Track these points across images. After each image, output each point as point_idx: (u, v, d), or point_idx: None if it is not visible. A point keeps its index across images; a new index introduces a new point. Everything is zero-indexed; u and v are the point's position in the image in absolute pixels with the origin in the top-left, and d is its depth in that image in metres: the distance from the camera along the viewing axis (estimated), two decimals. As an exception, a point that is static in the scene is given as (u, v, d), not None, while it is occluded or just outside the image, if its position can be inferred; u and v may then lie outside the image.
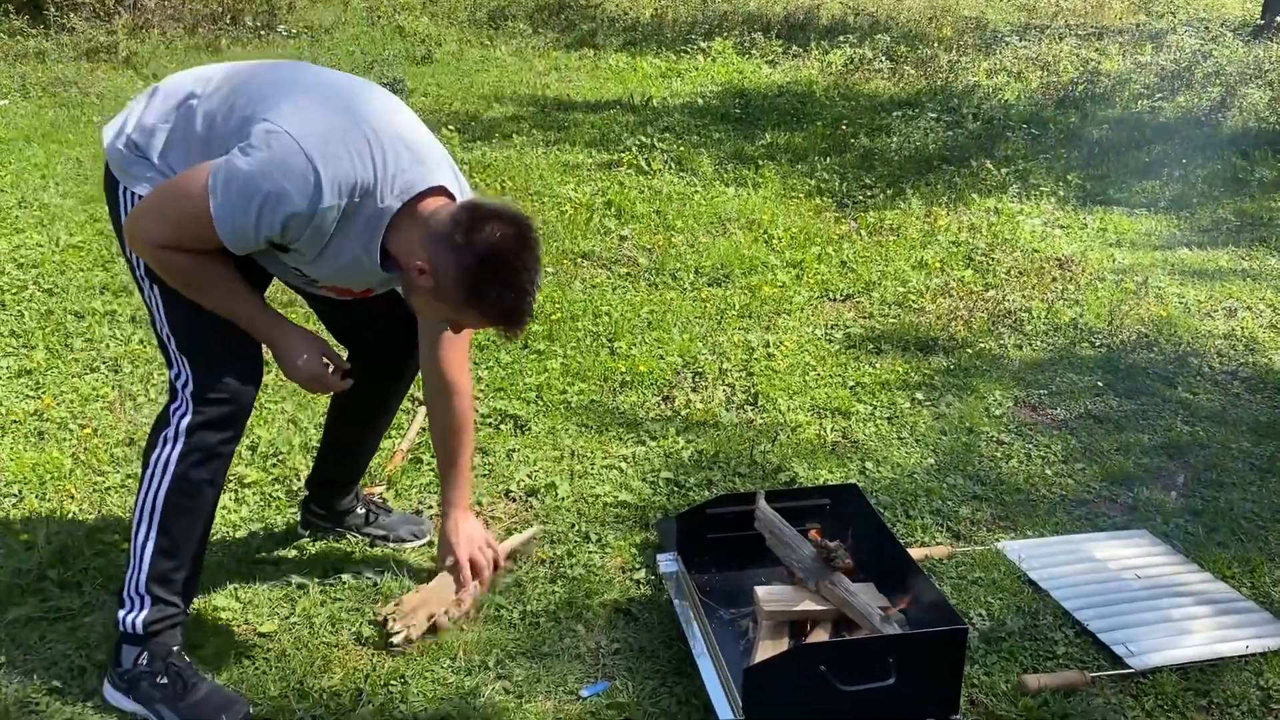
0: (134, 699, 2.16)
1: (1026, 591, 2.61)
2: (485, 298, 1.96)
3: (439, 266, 1.95)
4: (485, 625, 2.44)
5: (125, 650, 2.18)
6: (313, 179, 1.89)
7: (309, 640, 2.37)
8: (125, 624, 2.16)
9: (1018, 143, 7.27)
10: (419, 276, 1.98)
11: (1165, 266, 4.93)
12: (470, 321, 2.06)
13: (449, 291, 1.96)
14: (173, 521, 2.14)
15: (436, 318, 2.15)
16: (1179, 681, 2.29)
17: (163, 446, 2.13)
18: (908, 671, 2.00)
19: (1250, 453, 3.29)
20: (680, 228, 5.50)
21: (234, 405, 2.14)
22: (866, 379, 3.76)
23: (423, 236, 1.97)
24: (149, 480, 2.14)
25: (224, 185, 1.90)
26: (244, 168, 1.90)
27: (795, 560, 2.30)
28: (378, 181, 1.95)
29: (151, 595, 2.15)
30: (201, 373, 2.11)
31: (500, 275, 1.94)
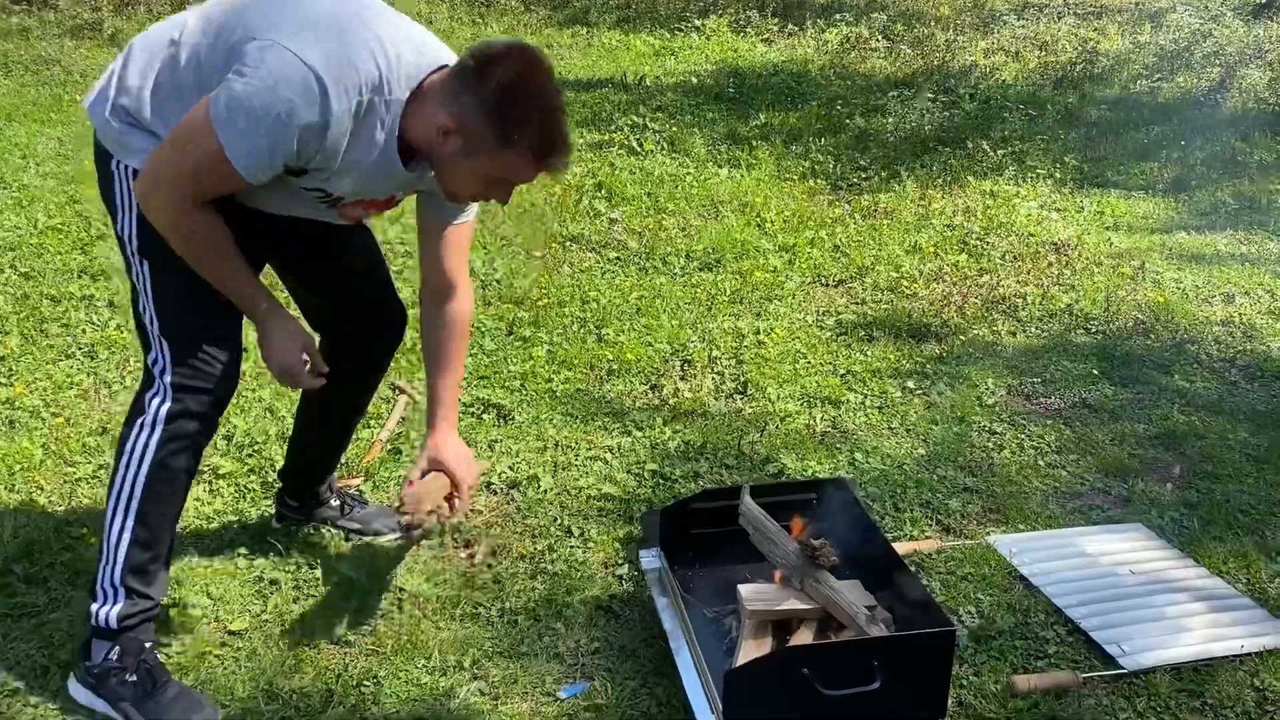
0: (101, 695, 2.10)
1: (1017, 588, 2.55)
2: (520, 128, 1.85)
3: (462, 118, 1.85)
4: (462, 623, 2.38)
5: (95, 645, 2.11)
6: (317, 86, 1.78)
7: (278, 639, 2.31)
8: (97, 618, 2.10)
9: (1015, 124, 7.18)
10: (445, 142, 1.88)
11: (1162, 250, 4.86)
12: (512, 165, 1.91)
13: (480, 139, 1.86)
14: (149, 511, 2.07)
15: (477, 188, 2.00)
16: (1172, 682, 2.23)
17: (139, 434, 2.05)
18: (894, 675, 1.94)
19: (1247, 443, 3.22)
20: (672, 210, 5.42)
21: (213, 395, 2.07)
22: (858, 367, 3.69)
23: (438, 100, 1.88)
24: (124, 469, 2.06)
25: (228, 113, 1.79)
26: (244, 90, 1.78)
27: (780, 557, 2.23)
28: (384, 76, 1.85)
29: (126, 588, 2.09)
30: (181, 360, 2.04)
31: (527, 99, 1.85)
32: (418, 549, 2.59)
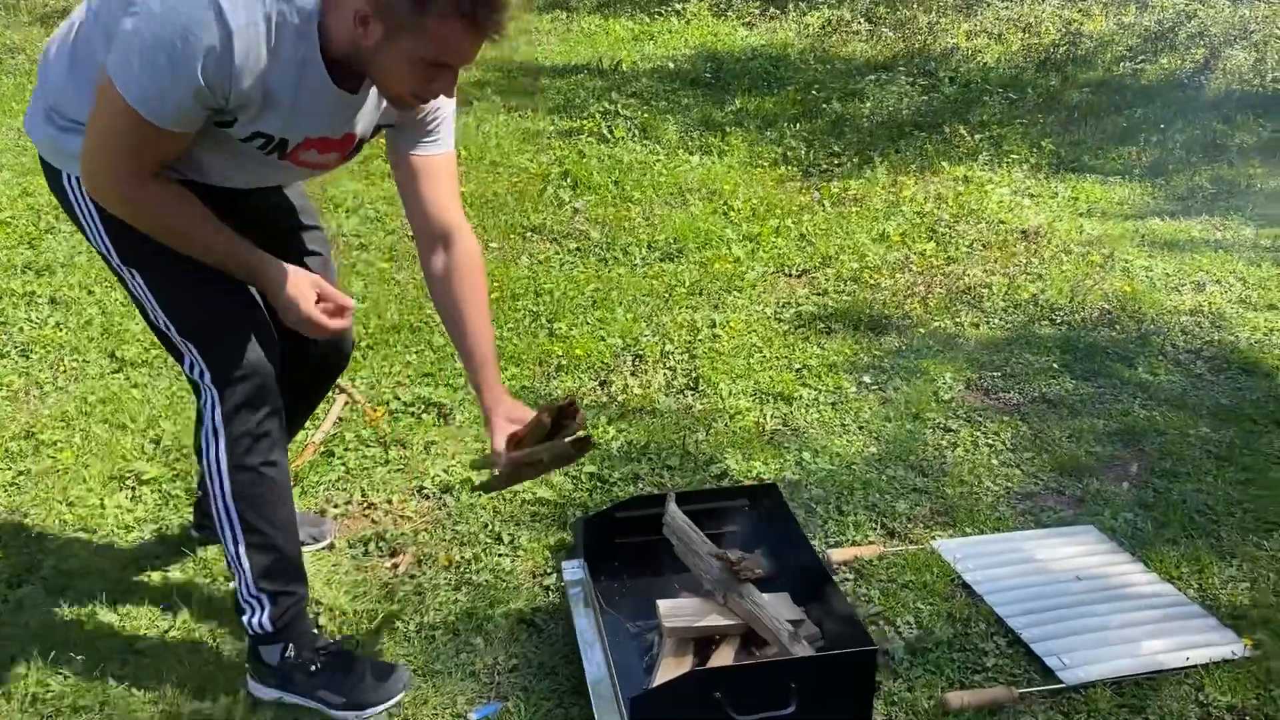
0: (292, 690, 2.08)
1: (959, 596, 2.45)
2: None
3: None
4: (378, 639, 2.29)
5: (264, 650, 2.07)
6: (209, 3, 1.57)
7: (186, 659, 2.21)
8: (252, 627, 2.05)
9: (994, 107, 7.06)
10: (366, 34, 1.65)
11: (1135, 237, 4.75)
12: (440, 38, 1.65)
13: (398, 13, 1.62)
14: (252, 517, 1.98)
15: (414, 80, 1.73)
16: (1113, 697, 2.13)
17: (209, 447, 1.96)
18: (811, 697, 1.85)
19: (1208, 439, 3.12)
20: (638, 199, 5.31)
21: (260, 377, 1.94)
22: (814, 361, 3.59)
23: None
24: (211, 486, 1.98)
25: (123, 60, 1.61)
26: (132, 28, 1.60)
27: (704, 570, 2.13)
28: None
29: (267, 593, 2.02)
30: (214, 355, 1.92)
31: None
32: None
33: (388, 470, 2.92)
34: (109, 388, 3.32)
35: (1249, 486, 2.88)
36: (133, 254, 1.88)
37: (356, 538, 2.63)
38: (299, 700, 2.08)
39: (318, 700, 2.07)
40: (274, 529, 2.03)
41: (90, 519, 2.68)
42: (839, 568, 2.52)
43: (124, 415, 3.15)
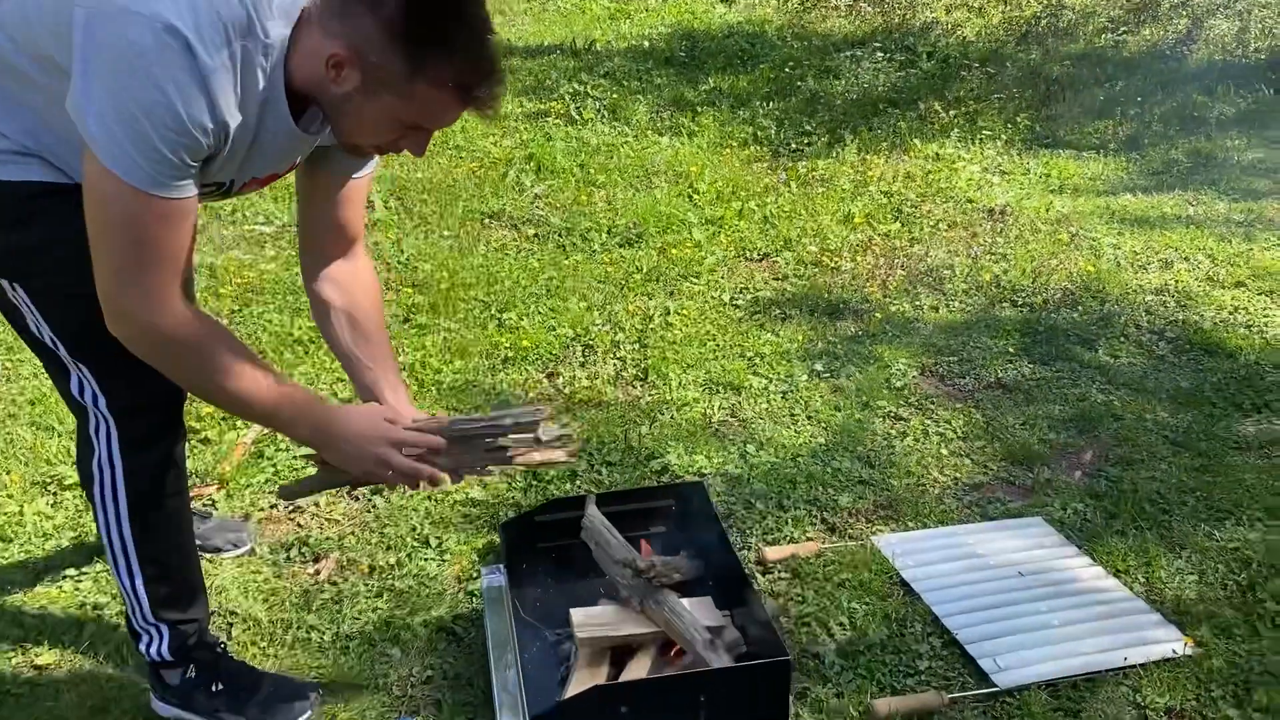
0: (193, 711, 1.99)
1: (897, 594, 2.37)
2: (434, 49, 1.42)
3: (357, 43, 1.43)
4: (291, 650, 2.21)
5: (165, 673, 1.98)
6: (175, 41, 1.35)
7: (89, 675, 2.14)
8: (151, 654, 1.95)
9: (972, 83, 6.93)
10: (337, 79, 1.46)
11: (1105, 214, 4.64)
12: (426, 104, 1.49)
13: (383, 70, 1.44)
14: (150, 549, 1.85)
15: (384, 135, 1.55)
16: (1048, 701, 2.06)
17: (100, 476, 1.79)
18: (723, 710, 1.77)
19: (1166, 424, 3.04)
20: (603, 182, 5.21)
21: (163, 405, 1.77)
22: (766, 349, 3.50)
23: (322, 23, 1.45)
24: (103, 516, 1.82)
25: (104, 134, 1.38)
26: (101, 93, 1.36)
27: (619, 575, 2.05)
28: (250, 12, 1.42)
29: (166, 623, 1.92)
30: (110, 381, 1.72)
31: (440, 11, 1.42)
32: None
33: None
34: (39, 388, 3.23)
35: (1204, 473, 2.80)
36: (14, 267, 1.65)
37: (279, 543, 2.55)
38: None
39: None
40: (174, 557, 1.92)
41: (7, 527, 2.60)
42: (775, 566, 2.44)
43: (52, 417, 3.06)
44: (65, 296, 1.66)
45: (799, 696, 2.06)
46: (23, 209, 1.60)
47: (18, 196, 1.59)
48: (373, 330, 1.90)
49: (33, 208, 1.60)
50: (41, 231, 1.61)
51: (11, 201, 1.60)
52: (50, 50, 1.47)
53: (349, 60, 1.45)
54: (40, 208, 1.60)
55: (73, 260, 1.59)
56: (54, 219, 1.60)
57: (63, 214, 1.59)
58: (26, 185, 1.59)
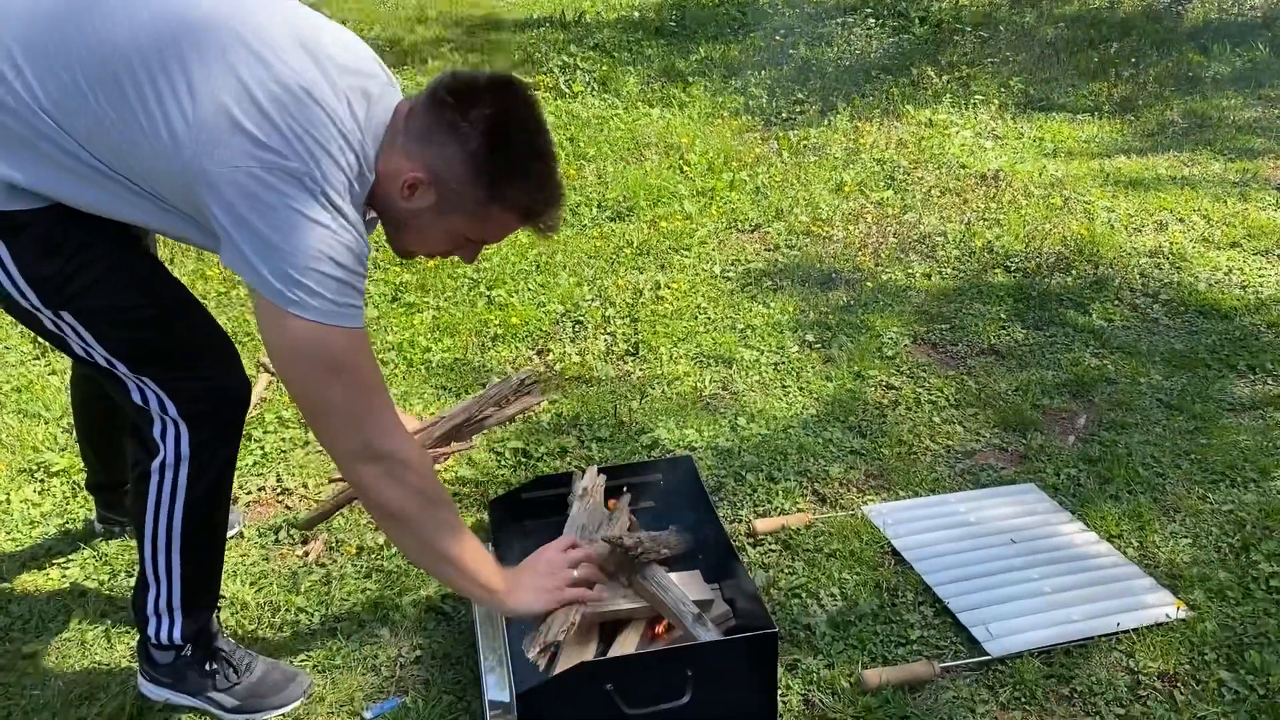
0: (182, 690, 1.98)
1: (888, 564, 2.35)
2: (512, 179, 1.55)
3: (439, 168, 1.54)
4: (279, 632, 2.19)
5: (158, 654, 1.96)
6: (320, 198, 1.46)
7: (76, 661, 2.13)
8: (157, 639, 1.93)
9: (965, 47, 6.89)
10: (413, 197, 1.56)
11: (1099, 177, 4.60)
12: (495, 224, 1.63)
13: (459, 196, 1.56)
14: (195, 543, 1.86)
15: (443, 248, 1.68)
16: (1041, 668, 2.04)
17: (162, 476, 1.78)
18: (710, 685, 1.75)
19: (1160, 387, 3.01)
20: (593, 156, 5.17)
21: (229, 408, 1.80)
22: (758, 320, 3.47)
23: (404, 149, 1.56)
24: (156, 511, 1.81)
25: (303, 294, 1.47)
26: (291, 262, 1.46)
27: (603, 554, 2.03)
28: (359, 156, 1.53)
29: (184, 609, 1.91)
30: (177, 390, 1.73)
31: (518, 145, 1.55)
32: None
33: (306, 453, 2.81)
34: (25, 376, 3.21)
35: (1198, 435, 2.77)
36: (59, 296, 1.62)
37: (267, 525, 2.53)
38: (189, 701, 1.99)
39: (209, 702, 1.98)
40: (210, 553, 1.93)
41: (-6, 515, 2.59)
42: (765, 538, 2.42)
43: (38, 404, 3.04)
44: (112, 313, 1.66)
45: (789, 668, 2.05)
46: (53, 234, 1.59)
47: (46, 223, 1.58)
48: None
49: (63, 231, 1.59)
50: (76, 253, 1.60)
51: (40, 229, 1.58)
52: (143, 182, 1.53)
53: (427, 183, 1.56)
54: (71, 229, 1.59)
55: (113, 276, 1.65)
56: (86, 238, 1.60)
57: (94, 231, 1.61)
58: (53, 210, 1.57)
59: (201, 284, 3.77)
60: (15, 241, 1.57)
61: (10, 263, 1.59)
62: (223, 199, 1.45)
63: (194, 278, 3.81)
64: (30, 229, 1.57)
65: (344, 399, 1.55)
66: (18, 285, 1.61)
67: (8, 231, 1.56)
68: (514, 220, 1.62)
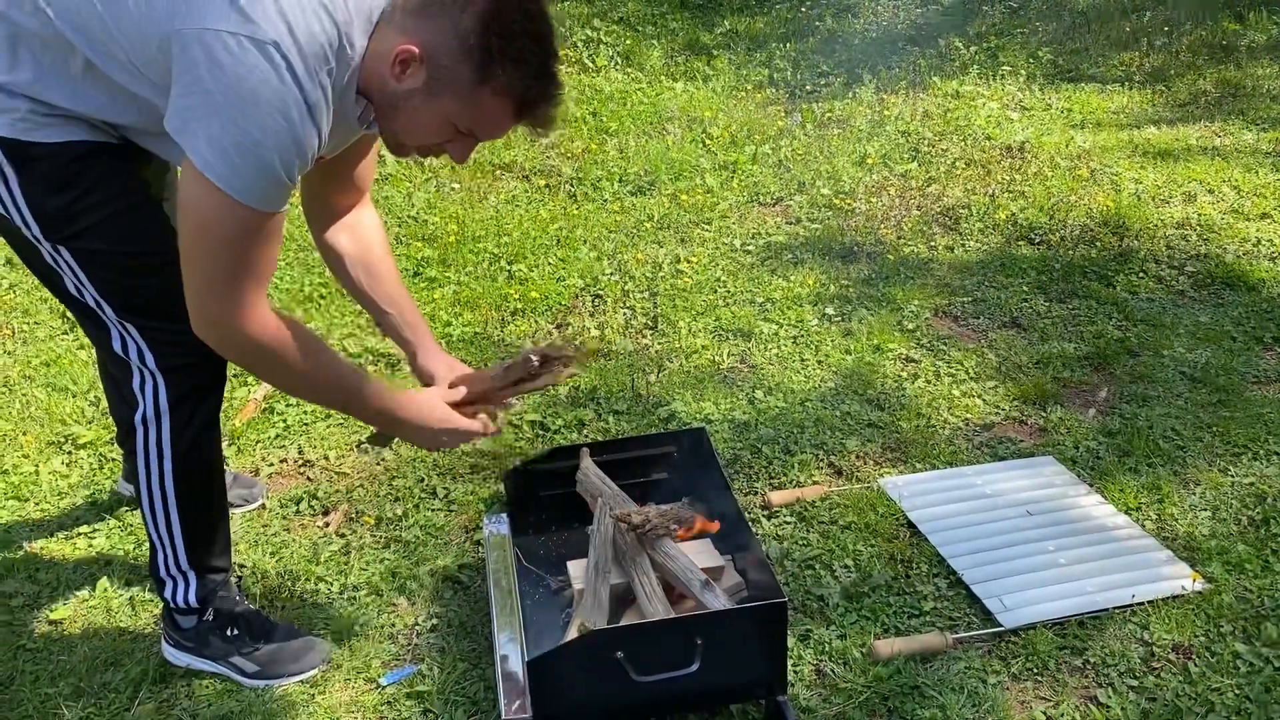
0: (204, 656, 2.03)
1: (903, 536, 2.35)
2: (504, 62, 1.45)
3: (430, 43, 1.46)
4: (299, 601, 2.23)
5: (182, 618, 2.01)
6: (289, 76, 1.39)
7: (102, 628, 2.17)
8: (175, 601, 1.98)
9: (994, 18, 6.80)
10: (404, 75, 1.48)
11: (1128, 148, 4.54)
12: (487, 112, 1.51)
13: (450, 74, 1.47)
14: (189, 499, 1.89)
15: (433, 138, 1.56)
16: (1053, 639, 2.04)
17: (145, 430, 1.81)
18: (719, 654, 1.77)
19: (1183, 359, 2.98)
20: (615, 130, 5.16)
21: (208, 361, 1.77)
22: (778, 294, 3.47)
23: (399, 24, 1.48)
24: (146, 468, 1.85)
25: (220, 160, 1.41)
26: (222, 127, 1.39)
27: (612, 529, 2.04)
28: (340, 29, 1.45)
29: (195, 568, 1.96)
30: (158, 338, 1.75)
31: (514, 25, 1.45)
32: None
33: (327, 425, 2.85)
34: (54, 350, 3.26)
35: (1221, 408, 2.75)
36: (60, 229, 1.64)
37: (289, 496, 2.57)
38: (210, 667, 2.03)
39: (230, 667, 2.02)
40: (210, 509, 1.96)
41: (23, 486, 2.64)
42: (779, 510, 2.43)
43: (66, 378, 3.09)
44: (110, 257, 1.68)
45: (801, 638, 2.06)
46: (66, 171, 1.60)
47: (62, 159, 1.59)
48: (391, 280, 2.04)
49: (77, 169, 1.60)
50: (85, 193, 1.62)
51: (55, 164, 1.59)
52: (123, 51, 1.49)
53: (418, 59, 1.47)
54: (84, 168, 1.61)
55: (117, 221, 1.66)
56: (98, 180, 1.62)
57: (107, 174, 1.63)
58: (70, 146, 1.59)
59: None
60: (28, 171, 1.59)
61: (19, 191, 1.61)
62: (187, 56, 1.39)
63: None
64: (45, 161, 1.58)
65: (222, 268, 1.50)
66: (23, 214, 1.63)
67: (22, 161, 1.58)
68: (506, 111, 1.51)
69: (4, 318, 3.50)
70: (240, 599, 2.08)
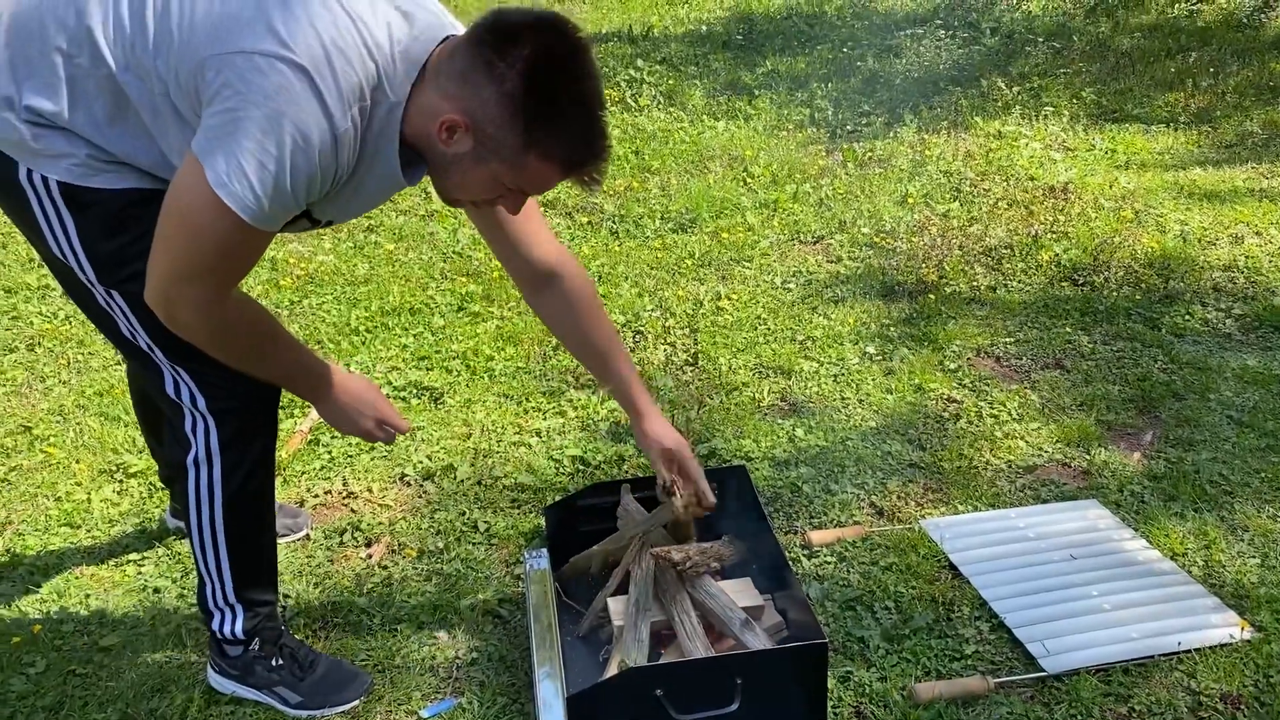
0: (249, 685, 2.06)
1: (944, 578, 2.34)
2: (550, 127, 1.47)
3: (473, 113, 1.47)
4: (341, 632, 2.25)
5: (228, 647, 2.05)
6: (318, 101, 1.42)
7: (149, 656, 2.21)
8: (222, 633, 2.02)
9: (1036, 58, 6.79)
10: (450, 140, 1.50)
11: (1173, 189, 4.51)
12: (534, 175, 1.54)
13: (496, 142, 1.49)
14: (239, 538, 1.93)
15: (484, 195, 1.61)
16: (1098, 686, 2.01)
17: (197, 472, 1.85)
18: (759, 693, 1.76)
19: (1230, 403, 2.95)
20: (656, 169, 5.21)
21: (259, 404, 1.84)
22: (818, 332, 3.47)
23: (441, 86, 1.50)
24: (197, 508, 1.88)
25: (231, 175, 1.42)
26: (242, 138, 1.42)
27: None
28: (380, 69, 1.48)
29: (243, 601, 2.00)
30: (208, 380, 1.78)
31: (560, 91, 1.46)
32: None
33: (372, 457, 2.88)
34: (108, 380, 3.33)
35: (1270, 454, 2.71)
36: (113, 276, 1.69)
37: (333, 527, 2.60)
38: (254, 695, 2.06)
39: (274, 696, 2.05)
40: (259, 546, 2.00)
41: (75, 514, 2.69)
42: (819, 550, 2.42)
43: (119, 408, 3.16)
44: None
45: (841, 680, 2.05)
46: (121, 216, 1.65)
47: (115, 204, 1.64)
48: (607, 346, 2.06)
49: (130, 214, 1.65)
50: (138, 238, 1.63)
51: (109, 209, 1.64)
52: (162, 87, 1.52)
53: (464, 126, 1.49)
54: (137, 214, 1.64)
55: None
56: (149, 226, 1.62)
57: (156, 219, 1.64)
58: (124, 193, 1.64)
59: (275, 293, 3.88)
60: (84, 216, 1.64)
61: (75, 236, 1.65)
62: (220, 78, 1.42)
63: (267, 287, 3.92)
64: (101, 206, 1.63)
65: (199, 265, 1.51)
66: (79, 258, 1.67)
67: (80, 206, 1.63)
68: (553, 172, 1.53)
69: (60, 348, 3.58)
70: (284, 629, 2.11)
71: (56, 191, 1.62)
